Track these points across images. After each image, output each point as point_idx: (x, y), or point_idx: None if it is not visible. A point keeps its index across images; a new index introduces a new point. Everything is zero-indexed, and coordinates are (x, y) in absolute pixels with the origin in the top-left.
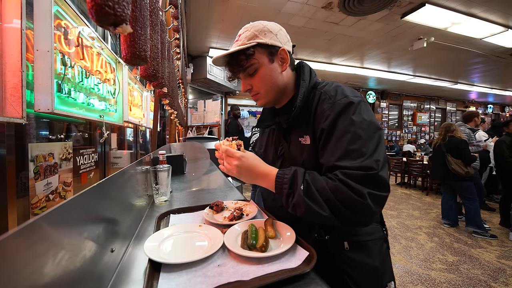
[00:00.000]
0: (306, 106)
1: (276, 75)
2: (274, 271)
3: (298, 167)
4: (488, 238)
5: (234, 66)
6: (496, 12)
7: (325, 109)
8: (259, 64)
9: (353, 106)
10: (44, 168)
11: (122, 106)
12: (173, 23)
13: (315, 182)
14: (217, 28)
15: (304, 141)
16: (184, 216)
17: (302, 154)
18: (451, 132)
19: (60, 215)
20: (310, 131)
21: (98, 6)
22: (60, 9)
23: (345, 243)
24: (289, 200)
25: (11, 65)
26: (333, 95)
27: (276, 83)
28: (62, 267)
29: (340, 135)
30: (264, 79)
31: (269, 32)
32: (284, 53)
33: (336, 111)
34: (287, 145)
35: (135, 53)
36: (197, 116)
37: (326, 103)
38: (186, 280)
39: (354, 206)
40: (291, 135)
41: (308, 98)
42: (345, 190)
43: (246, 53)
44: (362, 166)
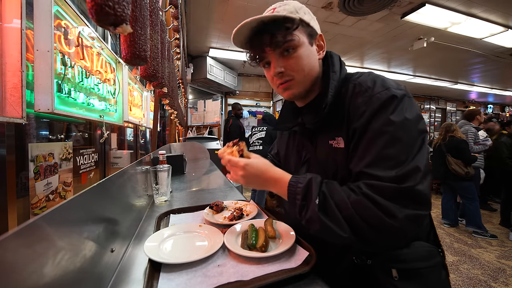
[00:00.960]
0: (338, 103)
1: (315, 60)
2: (274, 271)
3: (315, 175)
4: (488, 238)
5: (267, 40)
6: (496, 12)
7: (360, 104)
8: (298, 42)
9: (395, 102)
10: (44, 168)
11: (122, 106)
12: (173, 23)
13: (334, 195)
14: (217, 28)
15: (336, 144)
16: (184, 216)
17: (335, 160)
18: (451, 132)
19: (60, 215)
20: (343, 132)
21: (98, 6)
22: (60, 9)
23: (393, 270)
24: (302, 213)
25: (11, 65)
26: (370, 87)
27: (313, 70)
28: (62, 267)
29: (374, 136)
30: (302, 62)
31: (308, 13)
32: (321, 40)
33: (374, 107)
34: (313, 150)
35: (135, 53)
36: (197, 116)
37: (362, 96)
38: (186, 280)
39: (382, 227)
40: (318, 138)
41: (339, 93)
42: (371, 208)
43: (289, 23)
44: (396, 177)
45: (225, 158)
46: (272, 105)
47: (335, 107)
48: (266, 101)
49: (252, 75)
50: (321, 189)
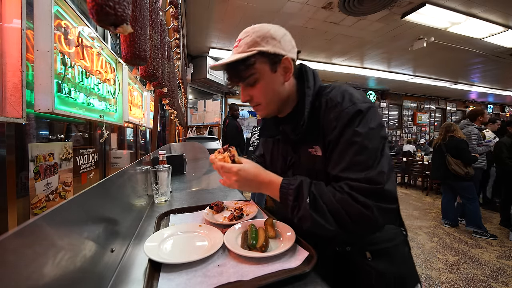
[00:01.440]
0: (313, 116)
1: (278, 85)
2: (274, 271)
3: (304, 178)
4: (488, 238)
5: (233, 76)
6: (496, 12)
7: (332, 119)
8: (259, 75)
9: (360, 115)
10: (44, 168)
11: (122, 106)
12: (173, 23)
13: (322, 195)
14: (217, 28)
15: (315, 152)
16: (184, 216)
17: (314, 166)
18: (451, 132)
19: (60, 215)
20: (319, 142)
21: (98, 6)
22: (60, 9)
23: (367, 253)
24: (294, 212)
25: (11, 65)
26: (339, 102)
27: (277, 94)
28: (62, 267)
29: (346, 146)
30: (265, 90)
31: (272, 39)
32: (287, 62)
33: (344, 121)
34: (298, 157)
35: (135, 53)
36: (197, 116)
37: (333, 112)
38: (186, 280)
39: (362, 219)
40: (300, 146)
41: (314, 106)
42: (353, 204)
43: (246, 63)
44: (367, 178)
45: (217, 164)
46: None
47: (311, 120)
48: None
49: None
50: (311, 189)
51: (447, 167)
